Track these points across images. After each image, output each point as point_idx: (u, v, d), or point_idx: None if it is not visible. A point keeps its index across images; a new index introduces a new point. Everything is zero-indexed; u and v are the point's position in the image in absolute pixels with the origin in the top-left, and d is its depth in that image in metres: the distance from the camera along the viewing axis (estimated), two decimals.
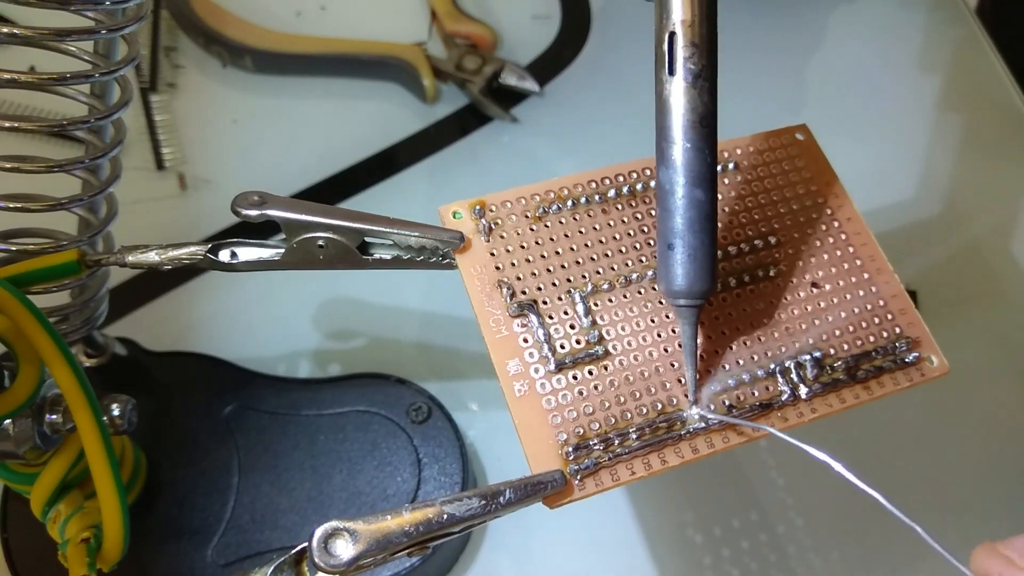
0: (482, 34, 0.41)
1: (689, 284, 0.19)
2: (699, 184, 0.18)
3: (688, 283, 0.19)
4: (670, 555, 0.30)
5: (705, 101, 0.18)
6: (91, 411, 0.21)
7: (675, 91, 0.18)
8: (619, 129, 0.39)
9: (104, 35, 0.21)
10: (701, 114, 0.18)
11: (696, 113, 0.18)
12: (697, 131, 0.18)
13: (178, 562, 0.26)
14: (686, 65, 0.18)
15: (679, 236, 0.19)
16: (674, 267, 0.19)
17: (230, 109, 0.40)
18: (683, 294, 0.19)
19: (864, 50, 0.43)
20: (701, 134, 0.18)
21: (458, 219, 0.21)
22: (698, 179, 0.18)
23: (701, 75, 0.18)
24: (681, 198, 0.18)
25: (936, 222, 0.38)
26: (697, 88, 0.18)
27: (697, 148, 0.18)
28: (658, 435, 0.19)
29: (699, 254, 0.19)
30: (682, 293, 0.19)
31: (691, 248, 0.19)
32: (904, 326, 0.21)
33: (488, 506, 0.17)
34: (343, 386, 0.29)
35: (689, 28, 0.18)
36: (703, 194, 0.18)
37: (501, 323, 0.20)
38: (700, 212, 0.19)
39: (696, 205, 0.18)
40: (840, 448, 0.21)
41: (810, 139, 0.24)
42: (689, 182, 0.18)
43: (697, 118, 0.18)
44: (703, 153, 0.18)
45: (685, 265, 0.19)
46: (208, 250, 0.21)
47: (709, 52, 0.18)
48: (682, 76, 0.18)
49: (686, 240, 0.19)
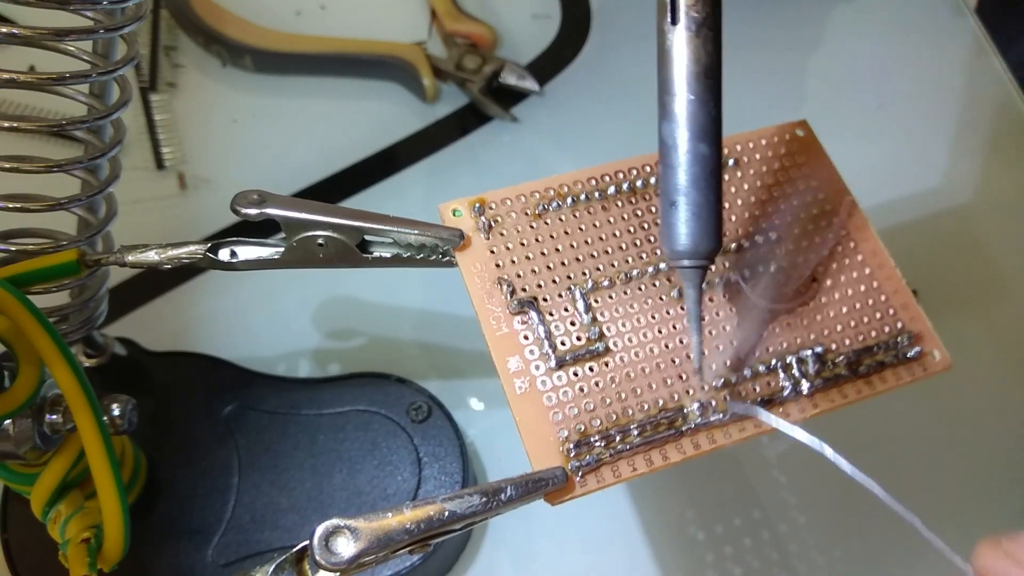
0: (482, 33, 0.41)
1: (694, 244, 0.18)
2: (703, 138, 0.17)
3: (692, 243, 0.18)
4: (672, 552, 0.30)
5: (709, 51, 0.17)
6: (91, 411, 0.20)
7: (677, 41, 0.17)
8: (619, 128, 0.39)
9: (103, 35, 0.21)
10: (705, 65, 0.17)
11: (700, 64, 0.17)
12: (701, 82, 0.17)
13: (178, 562, 0.26)
14: (689, 13, 0.17)
15: (682, 193, 0.18)
16: (677, 226, 0.18)
17: (230, 109, 0.40)
18: (687, 254, 0.18)
19: (864, 49, 0.43)
20: (706, 86, 0.17)
21: (458, 217, 0.21)
22: (702, 133, 0.17)
23: (705, 24, 0.17)
24: (685, 153, 0.18)
25: (936, 221, 0.38)
26: (701, 37, 0.17)
27: (702, 101, 0.17)
28: (659, 431, 0.19)
29: (704, 212, 0.18)
30: (686, 253, 0.18)
31: (695, 205, 0.18)
32: (906, 321, 0.21)
33: (489, 503, 0.17)
34: (343, 386, 0.29)
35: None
36: (707, 148, 0.18)
37: (501, 320, 0.20)
38: (704, 168, 0.18)
39: (700, 160, 0.18)
40: (840, 445, 0.21)
41: (810, 135, 0.24)
42: (693, 136, 0.17)
43: (701, 69, 0.17)
44: (708, 106, 0.17)
45: (689, 223, 0.18)
46: (208, 249, 0.21)
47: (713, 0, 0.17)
48: (685, 25, 0.17)
49: (690, 197, 0.18)
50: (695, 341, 0.19)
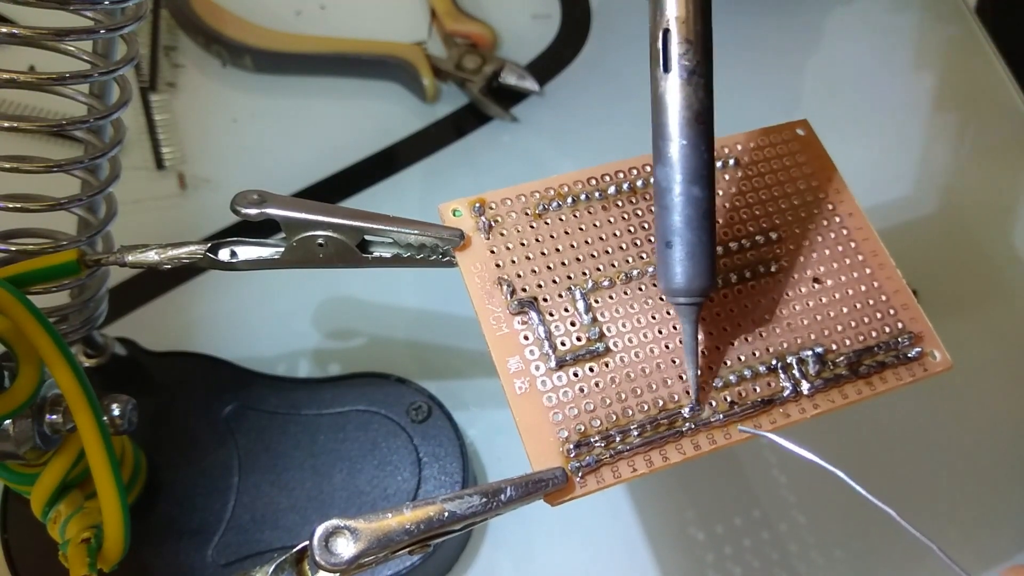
0: (482, 33, 0.41)
1: (688, 282, 0.19)
2: (696, 181, 0.18)
3: (687, 281, 0.19)
4: (672, 553, 0.30)
5: (701, 97, 0.18)
6: (91, 411, 0.20)
7: (670, 88, 0.18)
8: (619, 128, 0.39)
9: (103, 35, 0.20)
10: (697, 111, 0.18)
11: (692, 110, 0.18)
12: (693, 128, 0.18)
13: (178, 562, 0.26)
14: (680, 62, 0.18)
15: (677, 234, 0.19)
16: (673, 265, 0.19)
17: (230, 109, 0.40)
18: (682, 292, 0.19)
19: (864, 49, 0.43)
20: (697, 131, 0.18)
21: (458, 217, 0.21)
22: (695, 176, 0.18)
23: (696, 71, 0.18)
24: (679, 196, 0.18)
25: (936, 221, 0.38)
26: (692, 85, 0.18)
27: (693, 145, 0.18)
28: (660, 431, 0.19)
29: (698, 252, 0.19)
30: (681, 291, 0.19)
31: (689, 246, 0.19)
32: (906, 321, 0.21)
33: (489, 504, 0.17)
34: (343, 386, 0.29)
35: (683, 24, 0.18)
36: (700, 191, 0.18)
37: (501, 321, 0.20)
38: (698, 209, 0.18)
39: (694, 202, 0.18)
40: (840, 446, 0.21)
41: (811, 134, 0.24)
42: (686, 179, 0.18)
43: (693, 115, 0.18)
44: (699, 150, 0.18)
45: (684, 263, 0.19)
46: (208, 249, 0.21)
47: (704, 48, 0.18)
48: (677, 73, 0.18)
49: (684, 238, 0.18)
50: (691, 375, 0.19)
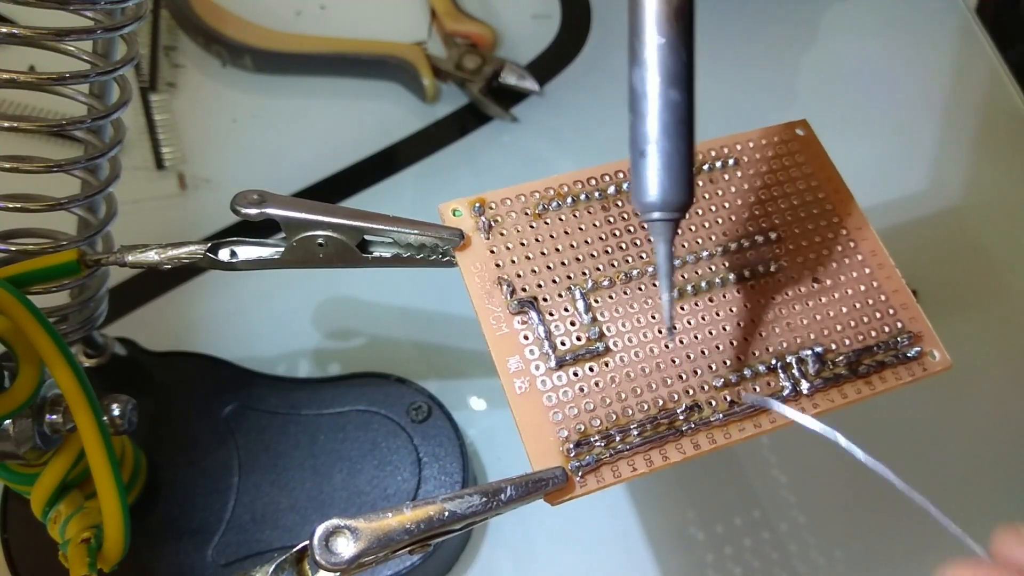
0: (482, 33, 0.41)
1: (663, 195, 0.17)
2: (674, 84, 0.17)
3: (662, 194, 0.17)
4: (672, 553, 0.30)
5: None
6: (91, 411, 0.20)
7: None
8: (619, 128, 0.38)
9: (103, 35, 0.20)
10: (676, 6, 0.17)
11: (671, 5, 0.17)
12: (672, 26, 0.17)
13: (178, 562, 0.26)
14: None
15: (653, 142, 0.17)
16: (647, 177, 0.17)
17: (230, 109, 0.40)
18: (657, 206, 0.17)
19: (863, 49, 0.43)
20: (677, 29, 0.17)
21: (458, 217, 0.21)
22: (673, 78, 0.17)
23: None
24: (656, 100, 0.17)
25: (936, 221, 0.38)
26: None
27: (672, 44, 0.17)
28: (659, 431, 0.19)
29: (674, 162, 0.17)
30: (655, 206, 0.17)
31: (666, 155, 0.17)
32: (906, 320, 0.21)
33: (489, 503, 0.17)
34: (343, 386, 0.29)
35: None
36: (679, 95, 0.17)
37: (501, 320, 0.20)
38: (675, 115, 0.17)
39: (671, 107, 0.17)
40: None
41: (810, 134, 0.24)
42: (664, 82, 0.17)
43: (672, 10, 0.17)
44: (678, 50, 0.17)
45: (660, 174, 0.17)
46: (208, 249, 0.21)
47: None
48: None
49: (660, 146, 0.17)
50: (665, 299, 0.18)
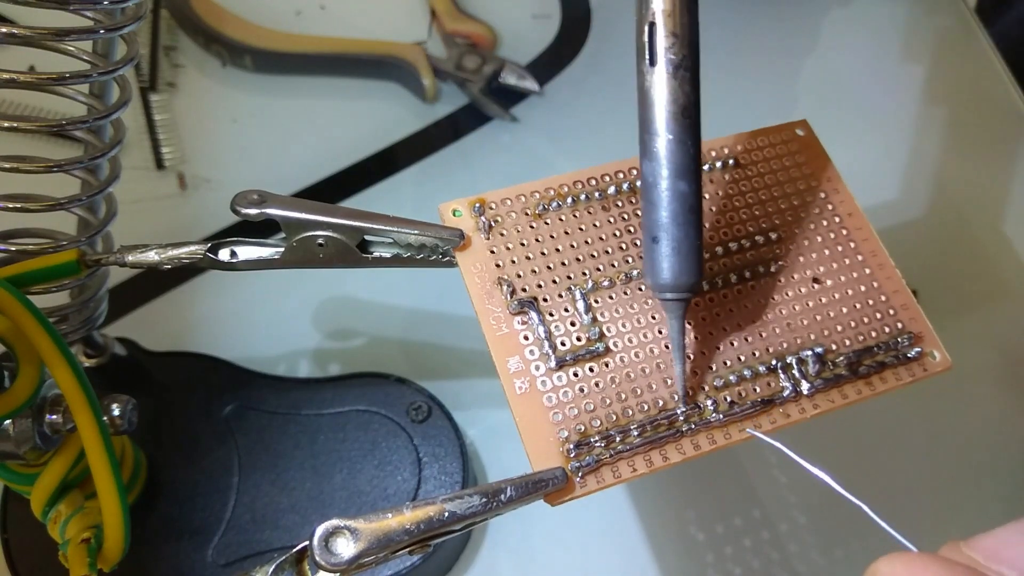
0: (482, 33, 0.41)
1: (675, 277, 0.19)
2: (682, 176, 0.18)
3: (673, 276, 0.19)
4: (672, 553, 0.30)
5: (687, 92, 0.18)
6: (91, 411, 0.20)
7: (656, 82, 0.18)
8: (619, 128, 0.39)
9: (103, 35, 0.20)
10: (683, 105, 0.18)
11: (678, 104, 0.18)
12: (679, 122, 0.18)
13: (178, 562, 0.26)
14: (667, 55, 0.18)
15: (664, 229, 0.18)
16: (659, 260, 0.19)
17: (230, 109, 0.40)
18: (669, 287, 0.19)
19: (863, 48, 0.43)
20: (683, 125, 0.18)
21: (458, 217, 0.21)
22: (681, 171, 0.18)
23: (682, 65, 0.18)
24: (665, 191, 0.18)
25: (936, 221, 0.38)
26: (678, 79, 0.18)
27: (679, 140, 0.18)
28: (659, 432, 0.19)
29: (684, 247, 0.19)
30: (668, 287, 0.19)
31: (675, 241, 0.18)
32: (906, 321, 0.21)
33: (489, 504, 0.17)
34: (343, 386, 0.29)
35: (669, 18, 0.18)
36: (687, 186, 0.18)
37: (501, 321, 0.20)
38: (684, 204, 0.18)
39: (680, 197, 0.18)
40: (836, 447, 0.21)
41: (810, 134, 0.24)
42: (672, 174, 0.18)
43: (679, 109, 0.18)
44: (685, 145, 0.18)
45: (670, 258, 0.19)
46: (208, 249, 0.21)
47: (690, 42, 0.18)
48: (663, 67, 0.18)
49: (671, 233, 0.18)
50: (678, 371, 0.19)
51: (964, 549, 0.15)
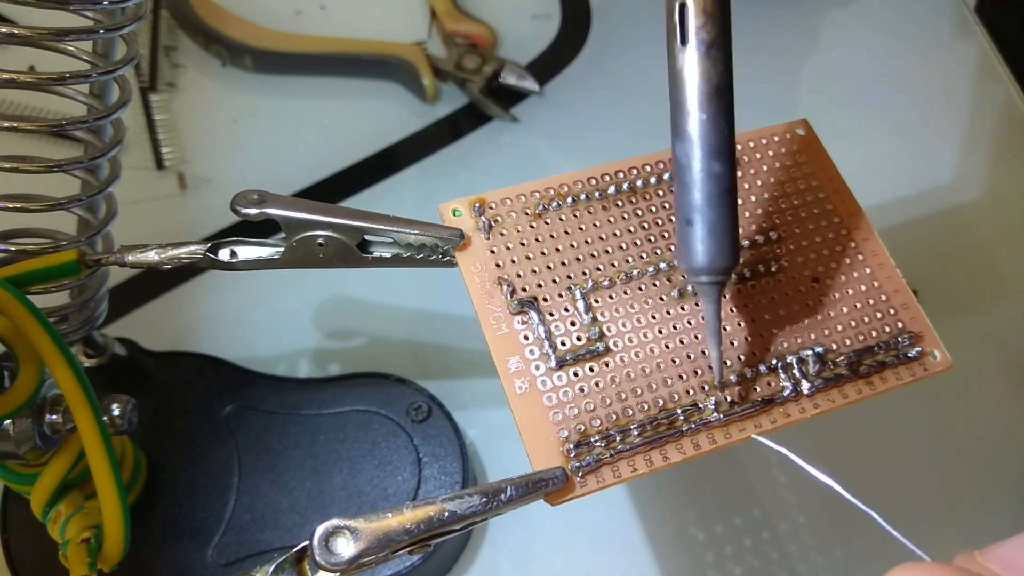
0: (482, 33, 0.41)
1: (710, 260, 0.18)
2: (717, 156, 0.18)
3: (709, 259, 0.18)
4: (672, 552, 0.30)
5: (720, 71, 0.18)
6: (91, 411, 0.20)
7: (688, 62, 0.18)
8: (619, 128, 0.39)
9: (103, 35, 0.20)
10: (716, 84, 0.18)
11: (711, 84, 0.18)
12: (713, 102, 0.18)
13: (178, 562, 0.26)
14: (699, 35, 0.17)
15: (698, 211, 0.18)
16: (694, 243, 0.18)
17: (230, 109, 0.40)
18: (704, 270, 0.18)
19: (863, 48, 0.43)
20: (717, 105, 0.18)
21: (458, 217, 0.21)
22: (715, 151, 0.18)
23: (715, 44, 0.17)
24: (699, 172, 0.18)
25: (936, 221, 0.38)
26: (711, 58, 0.17)
27: (713, 120, 0.18)
28: (660, 431, 0.19)
29: (719, 228, 0.18)
30: (704, 270, 0.18)
31: (710, 223, 0.18)
32: (907, 321, 0.21)
33: (489, 503, 0.17)
34: (343, 386, 0.29)
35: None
36: (721, 167, 0.18)
37: (501, 320, 0.20)
38: (719, 185, 0.18)
39: (715, 179, 0.18)
40: (836, 447, 0.21)
41: (811, 134, 0.24)
42: (706, 155, 0.18)
43: (712, 88, 0.18)
44: (719, 125, 0.18)
45: (705, 240, 0.18)
46: (208, 249, 0.21)
47: (722, 21, 0.18)
48: (695, 46, 0.17)
49: (705, 215, 0.18)
50: (715, 355, 0.19)
51: (979, 559, 0.15)
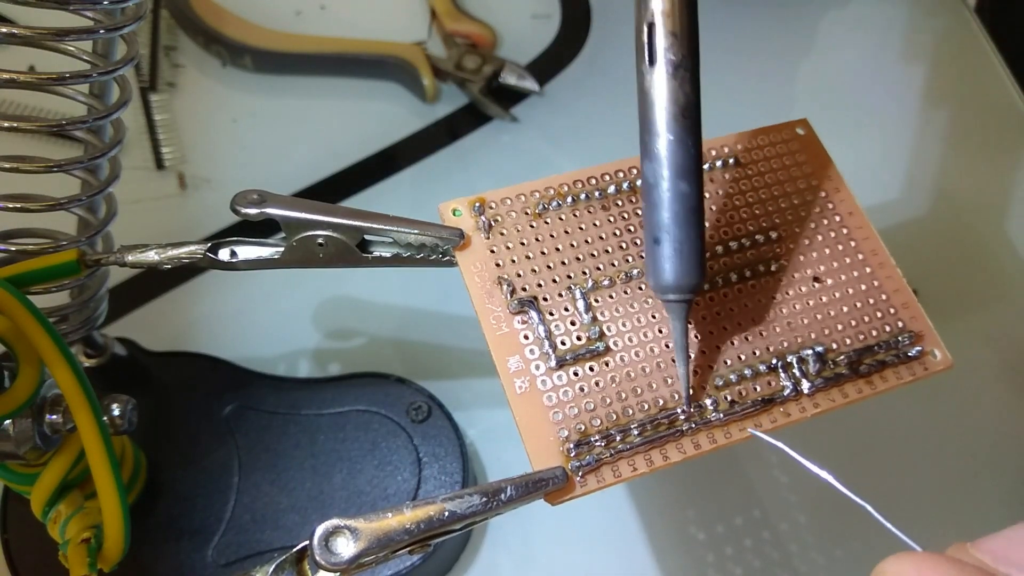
0: (482, 33, 0.41)
1: (677, 279, 0.19)
2: (683, 177, 0.18)
3: (676, 278, 0.19)
4: (672, 552, 0.30)
5: (687, 92, 0.18)
6: (91, 411, 0.20)
7: (656, 82, 0.18)
8: (619, 128, 0.39)
9: (103, 35, 0.20)
10: (683, 105, 0.18)
11: (678, 105, 0.18)
12: (680, 123, 0.18)
13: (179, 562, 0.26)
14: (666, 55, 0.18)
15: (665, 230, 0.18)
16: (661, 261, 0.19)
17: (230, 109, 0.40)
18: (671, 289, 0.19)
19: (863, 47, 0.43)
20: (684, 126, 0.18)
21: (458, 216, 0.21)
22: (682, 172, 0.18)
23: (682, 65, 0.18)
24: (666, 191, 0.18)
25: (936, 220, 0.38)
26: (678, 79, 0.18)
27: (680, 140, 0.18)
28: (660, 431, 0.19)
29: (686, 248, 0.18)
30: (670, 288, 0.19)
31: (677, 242, 0.18)
32: (907, 320, 0.21)
33: (489, 503, 0.17)
34: (343, 386, 0.29)
35: (668, 18, 0.18)
36: (688, 187, 0.18)
37: (501, 320, 0.20)
38: (685, 205, 0.18)
39: (681, 198, 0.18)
40: (836, 447, 0.21)
41: (811, 133, 0.24)
42: (673, 175, 0.18)
43: (679, 109, 0.18)
44: (686, 145, 0.18)
45: (672, 260, 0.18)
46: (208, 249, 0.21)
47: (690, 42, 0.18)
48: (662, 67, 0.18)
49: (672, 234, 0.18)
50: (682, 372, 0.19)
51: (971, 550, 0.15)
